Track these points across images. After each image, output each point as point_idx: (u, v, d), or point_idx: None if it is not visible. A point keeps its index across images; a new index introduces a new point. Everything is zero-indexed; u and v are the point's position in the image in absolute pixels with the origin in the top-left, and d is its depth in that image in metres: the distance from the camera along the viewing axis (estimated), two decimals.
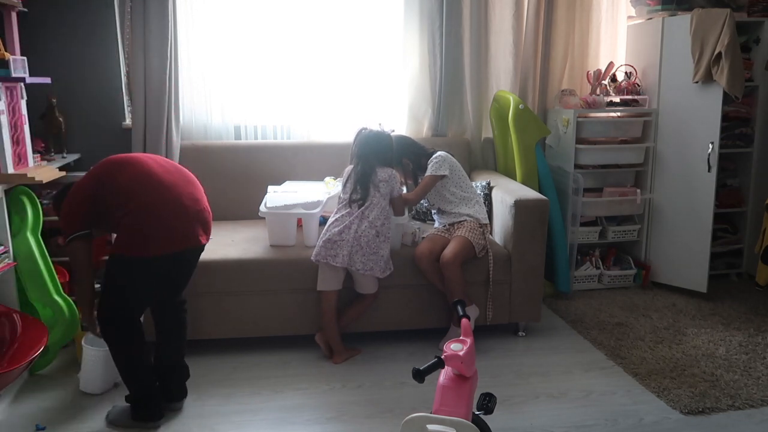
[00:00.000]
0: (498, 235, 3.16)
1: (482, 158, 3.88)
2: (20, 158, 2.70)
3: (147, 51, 3.29)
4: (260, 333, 2.89)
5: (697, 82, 3.41)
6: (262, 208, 2.95)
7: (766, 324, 3.21)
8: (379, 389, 2.57)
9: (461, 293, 2.77)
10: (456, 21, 3.65)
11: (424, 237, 3.01)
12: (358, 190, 2.76)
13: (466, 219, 2.97)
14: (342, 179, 2.89)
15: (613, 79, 3.79)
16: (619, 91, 3.74)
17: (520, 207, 2.95)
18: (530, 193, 3.05)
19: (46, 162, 3.00)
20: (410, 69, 3.71)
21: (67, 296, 2.72)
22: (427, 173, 2.95)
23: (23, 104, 2.73)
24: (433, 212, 3.20)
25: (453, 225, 3.01)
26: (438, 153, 3.00)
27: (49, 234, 2.93)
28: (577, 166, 3.64)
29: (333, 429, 2.30)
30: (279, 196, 3.02)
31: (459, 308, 2.09)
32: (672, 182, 3.64)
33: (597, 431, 2.27)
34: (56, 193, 2.40)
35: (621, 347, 2.94)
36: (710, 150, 3.40)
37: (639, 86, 3.76)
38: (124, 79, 3.46)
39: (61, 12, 3.30)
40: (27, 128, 2.76)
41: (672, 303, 3.50)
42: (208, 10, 3.49)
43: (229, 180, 3.43)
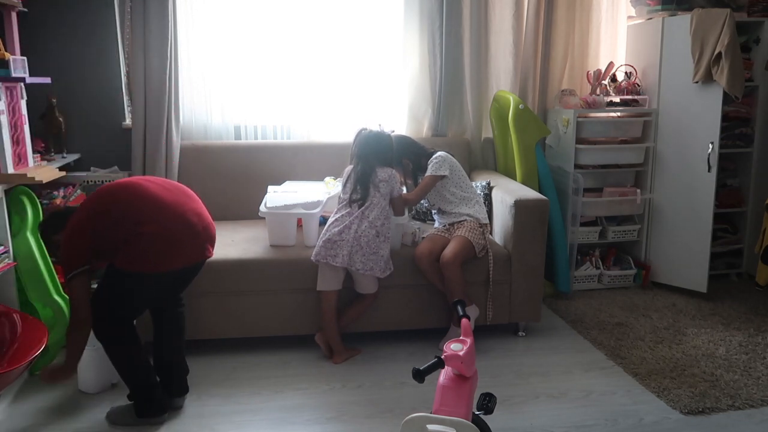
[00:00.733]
0: (498, 235, 3.16)
1: (482, 158, 3.88)
2: (20, 158, 2.70)
3: (147, 51, 3.28)
4: (260, 333, 2.89)
5: (697, 82, 3.41)
6: (262, 208, 2.95)
7: (766, 324, 3.21)
8: (379, 389, 2.57)
9: (461, 293, 2.77)
10: (456, 21, 3.65)
11: (424, 237, 3.00)
12: (358, 190, 2.76)
13: (466, 219, 2.97)
14: (342, 179, 2.89)
15: (613, 79, 3.79)
16: (619, 91, 3.74)
17: (520, 207, 2.95)
18: (530, 193, 3.05)
19: (46, 162, 3.00)
20: (410, 69, 3.71)
21: (67, 296, 2.72)
22: (427, 173, 2.95)
23: (23, 104, 2.73)
24: (433, 212, 3.20)
25: (453, 225, 3.01)
26: (438, 153, 3.00)
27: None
28: (577, 166, 3.64)
29: (333, 429, 2.30)
30: (279, 196, 3.02)
31: (459, 308, 2.08)
32: (672, 182, 3.64)
33: (597, 431, 2.27)
34: (43, 223, 2.39)
35: (621, 347, 2.94)
36: (710, 150, 3.40)
37: (639, 86, 3.76)
38: (124, 79, 3.47)
39: (61, 12, 3.30)
40: (27, 128, 2.76)
41: (672, 303, 3.50)
42: (208, 10, 3.49)
43: (229, 180, 3.43)
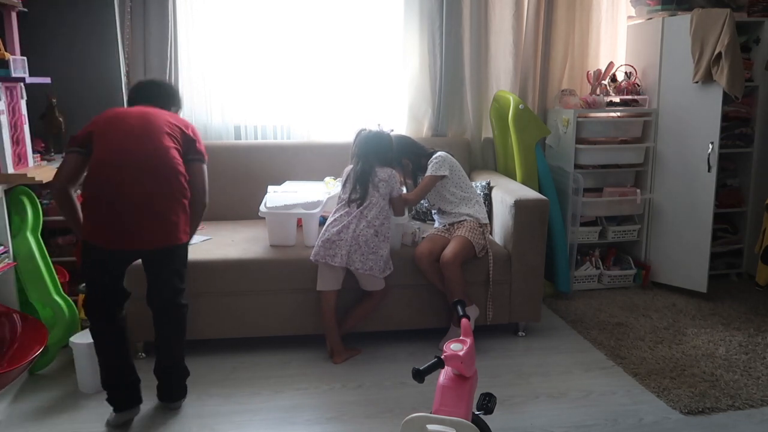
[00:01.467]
0: (498, 235, 3.16)
1: (482, 158, 3.88)
2: (20, 158, 2.70)
3: (147, 51, 3.29)
4: (260, 333, 2.89)
5: (697, 82, 3.41)
6: (262, 208, 2.95)
7: (766, 324, 3.21)
8: (379, 389, 2.57)
9: (461, 293, 2.77)
10: (456, 21, 3.66)
11: (424, 237, 3.01)
12: (357, 190, 2.76)
13: (466, 219, 2.97)
14: (342, 179, 2.89)
15: (613, 79, 3.79)
16: (619, 91, 3.74)
17: (520, 207, 2.95)
18: (530, 193, 3.05)
19: (46, 162, 2.99)
20: (410, 69, 3.71)
21: (67, 296, 2.72)
22: (427, 173, 2.95)
23: (23, 104, 2.74)
24: (433, 212, 3.20)
25: (453, 225, 3.01)
26: (438, 153, 3.00)
27: (49, 234, 2.94)
28: (577, 166, 3.64)
29: (333, 429, 2.30)
30: (279, 196, 3.02)
31: (459, 308, 2.08)
32: (672, 182, 3.64)
33: (597, 431, 2.27)
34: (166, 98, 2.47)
35: (621, 347, 2.94)
36: (710, 150, 3.40)
37: (639, 86, 3.76)
38: (124, 79, 3.46)
39: (61, 12, 3.29)
40: (27, 128, 2.76)
41: (672, 303, 3.50)
42: (208, 10, 3.49)
43: (229, 180, 3.43)
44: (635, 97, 3.71)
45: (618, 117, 3.70)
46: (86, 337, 2.48)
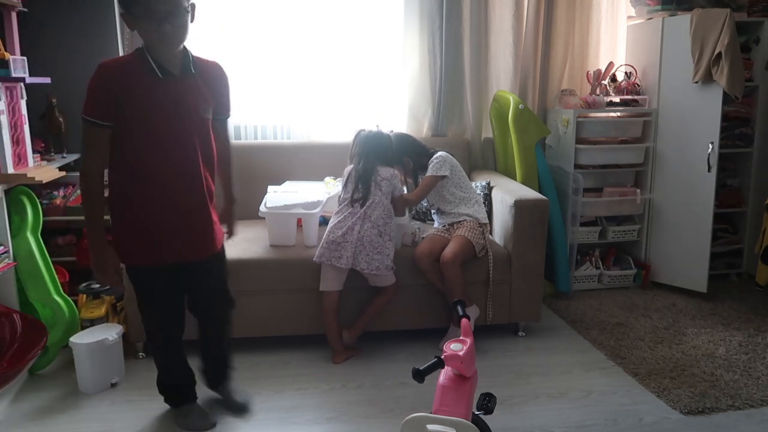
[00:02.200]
0: (498, 235, 3.16)
1: (482, 158, 3.88)
2: (20, 158, 2.70)
3: None
4: (260, 333, 2.89)
5: (697, 82, 3.41)
6: (262, 208, 2.95)
7: (766, 324, 3.21)
8: (379, 389, 2.57)
9: (461, 293, 2.77)
10: (456, 21, 3.65)
11: (424, 237, 3.00)
12: (360, 189, 2.76)
13: (466, 219, 2.97)
14: (342, 179, 2.89)
15: (613, 79, 3.79)
16: (619, 91, 3.74)
17: (520, 207, 2.95)
18: (530, 193, 3.05)
19: (46, 162, 2.99)
20: (410, 69, 3.71)
21: (67, 296, 2.72)
22: (428, 173, 2.95)
23: (23, 104, 2.73)
24: (433, 212, 3.20)
25: (453, 225, 3.01)
26: (439, 153, 3.01)
27: (49, 234, 2.93)
28: (577, 166, 3.64)
29: (333, 429, 2.30)
30: (279, 196, 3.02)
31: (459, 308, 2.08)
32: (672, 182, 3.64)
33: (597, 431, 2.27)
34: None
35: (621, 347, 2.94)
36: (710, 150, 3.40)
37: (639, 86, 3.76)
38: None
39: (61, 12, 3.29)
40: (27, 128, 2.76)
41: (672, 303, 3.50)
42: (208, 11, 3.48)
43: None
44: (635, 97, 3.71)
45: (618, 117, 3.70)
46: (86, 337, 2.49)
